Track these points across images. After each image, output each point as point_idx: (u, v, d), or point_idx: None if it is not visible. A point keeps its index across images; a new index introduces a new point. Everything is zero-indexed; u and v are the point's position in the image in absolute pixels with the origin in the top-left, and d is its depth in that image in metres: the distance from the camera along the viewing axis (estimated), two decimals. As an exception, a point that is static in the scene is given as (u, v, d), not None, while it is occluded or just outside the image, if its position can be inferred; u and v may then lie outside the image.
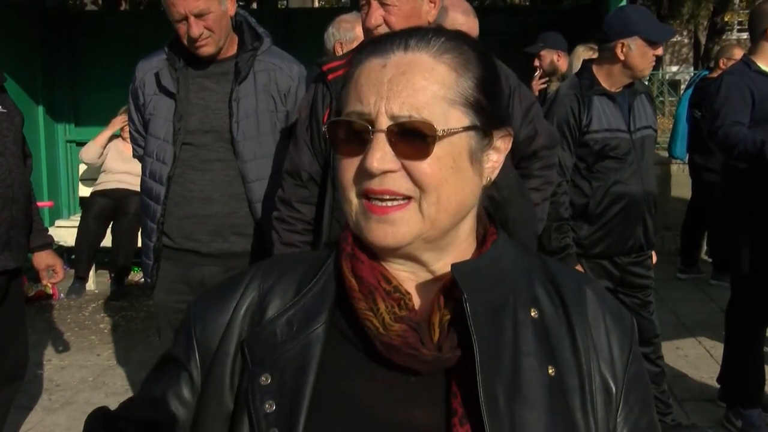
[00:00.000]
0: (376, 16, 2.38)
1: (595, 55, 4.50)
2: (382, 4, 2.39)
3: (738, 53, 5.91)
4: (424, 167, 0.97)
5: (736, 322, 4.07)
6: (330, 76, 2.52)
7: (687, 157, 7.35)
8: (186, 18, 2.85)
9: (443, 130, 0.97)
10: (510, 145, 1.08)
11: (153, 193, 3.08)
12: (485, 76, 1.02)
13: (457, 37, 1.04)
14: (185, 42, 2.93)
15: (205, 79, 3.04)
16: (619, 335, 1.08)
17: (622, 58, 3.50)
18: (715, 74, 6.60)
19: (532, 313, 1.03)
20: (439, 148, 0.97)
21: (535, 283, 1.07)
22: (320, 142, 2.59)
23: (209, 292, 1.14)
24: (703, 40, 22.29)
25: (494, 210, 1.11)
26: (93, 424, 1.09)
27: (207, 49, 2.95)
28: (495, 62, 1.07)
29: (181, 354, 1.09)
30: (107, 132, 6.75)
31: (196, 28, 2.86)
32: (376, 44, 1.04)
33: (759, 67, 3.91)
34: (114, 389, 4.70)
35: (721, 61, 6.61)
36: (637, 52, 3.46)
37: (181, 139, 3.01)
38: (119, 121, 6.65)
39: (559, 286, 1.08)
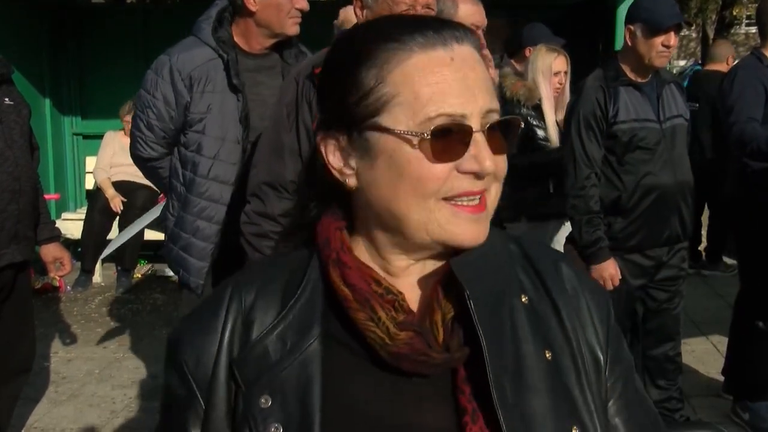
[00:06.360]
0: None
1: (558, 58, 4.38)
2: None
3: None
4: (503, 160, 0.99)
5: (745, 315, 4.06)
6: None
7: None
8: None
9: None
10: None
11: (215, 196, 2.93)
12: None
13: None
14: (286, 16, 2.82)
15: (256, 73, 2.94)
16: (597, 305, 1.08)
17: (629, 44, 3.44)
18: (711, 67, 6.87)
19: (523, 299, 1.03)
20: None
21: (518, 268, 1.06)
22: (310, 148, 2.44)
23: (189, 321, 1.05)
24: (711, 34, 22.17)
25: None
26: None
27: (297, 28, 2.88)
28: None
29: (182, 393, 1.01)
30: (111, 192, 6.61)
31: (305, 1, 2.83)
32: (418, 30, 0.96)
33: None
34: (120, 382, 4.71)
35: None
36: (641, 39, 3.38)
37: (250, 138, 2.88)
38: (118, 203, 6.57)
39: (537, 267, 1.07)
